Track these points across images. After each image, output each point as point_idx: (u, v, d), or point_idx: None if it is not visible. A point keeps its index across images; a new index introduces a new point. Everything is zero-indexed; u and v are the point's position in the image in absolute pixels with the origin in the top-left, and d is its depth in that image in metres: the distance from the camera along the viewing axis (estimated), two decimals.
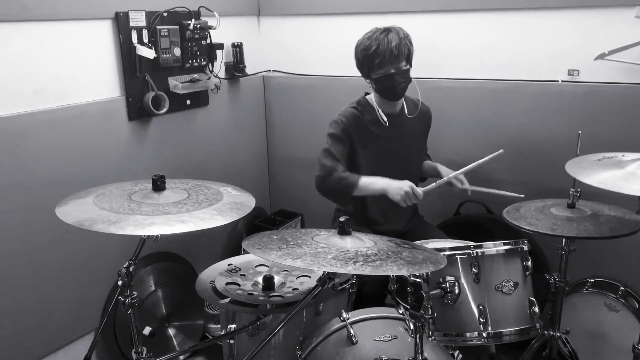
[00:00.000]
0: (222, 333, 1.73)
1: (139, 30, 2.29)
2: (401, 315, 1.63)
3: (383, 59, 2.05)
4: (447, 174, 2.20)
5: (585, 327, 2.24)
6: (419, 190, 2.02)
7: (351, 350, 1.56)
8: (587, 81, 2.28)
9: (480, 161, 2.04)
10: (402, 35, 2.07)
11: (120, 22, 2.23)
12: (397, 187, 2.04)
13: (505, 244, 1.60)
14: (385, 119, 2.20)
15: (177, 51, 2.41)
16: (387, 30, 2.07)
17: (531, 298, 1.60)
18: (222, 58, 2.76)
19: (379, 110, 2.20)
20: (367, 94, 2.28)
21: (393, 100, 2.20)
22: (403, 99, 2.24)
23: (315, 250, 1.38)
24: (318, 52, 2.92)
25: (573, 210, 1.89)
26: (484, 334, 1.54)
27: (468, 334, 1.55)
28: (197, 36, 2.49)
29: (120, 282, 1.56)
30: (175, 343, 2.50)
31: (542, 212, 1.90)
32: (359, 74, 2.25)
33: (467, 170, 2.09)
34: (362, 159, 2.21)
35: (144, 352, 1.65)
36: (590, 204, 1.94)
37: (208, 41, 2.58)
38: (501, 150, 2.03)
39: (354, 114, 2.18)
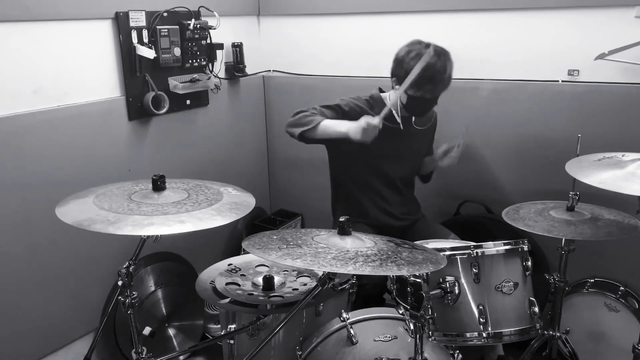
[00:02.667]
0: (222, 333, 1.73)
1: (139, 30, 2.29)
2: (401, 315, 1.63)
3: (435, 87, 2.01)
4: (428, 160, 2.33)
5: (585, 327, 2.24)
6: (375, 120, 1.95)
7: (351, 351, 1.56)
8: (587, 81, 2.28)
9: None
10: (452, 64, 2.02)
11: (120, 22, 2.23)
12: (355, 128, 1.97)
13: (505, 244, 1.60)
14: (400, 120, 2.18)
15: (177, 51, 2.41)
16: (444, 54, 2.00)
17: (531, 298, 1.60)
18: (222, 58, 2.76)
19: (394, 110, 2.16)
20: (381, 90, 2.26)
21: (414, 116, 2.19)
22: None
23: (315, 250, 1.38)
24: (318, 52, 2.92)
25: (572, 214, 1.88)
26: (484, 334, 1.54)
27: (468, 334, 1.55)
28: (197, 36, 2.49)
29: (120, 282, 1.56)
30: (175, 343, 2.50)
31: (541, 214, 1.90)
32: (360, 74, 2.25)
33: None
34: (364, 150, 2.17)
35: (144, 352, 1.65)
36: (591, 208, 1.94)
37: (208, 41, 2.58)
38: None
39: (366, 107, 2.16)
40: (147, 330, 1.86)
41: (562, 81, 2.34)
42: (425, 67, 1.92)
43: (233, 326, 1.70)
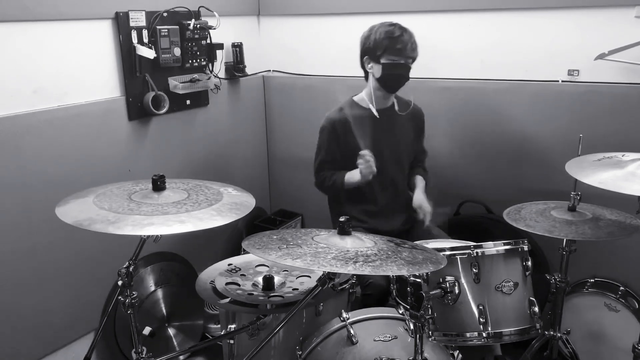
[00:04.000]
0: (222, 333, 1.73)
1: (139, 30, 2.29)
2: (401, 315, 1.63)
3: (404, 47, 2.12)
4: (417, 199, 2.29)
5: (585, 327, 2.24)
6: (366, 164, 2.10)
7: (351, 350, 1.56)
8: (587, 81, 2.28)
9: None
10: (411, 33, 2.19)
11: (120, 22, 2.23)
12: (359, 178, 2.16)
13: (505, 244, 1.60)
14: (375, 112, 2.25)
15: (177, 51, 2.41)
16: (405, 28, 2.17)
17: (531, 298, 1.60)
18: (222, 58, 2.76)
19: (370, 105, 2.25)
20: (353, 96, 2.33)
21: (390, 92, 2.26)
22: (394, 96, 2.30)
23: (315, 250, 1.38)
24: (318, 52, 2.92)
25: (574, 214, 1.88)
26: (484, 334, 1.54)
27: (468, 334, 1.55)
28: (197, 36, 2.49)
29: (120, 282, 1.56)
30: (175, 343, 2.50)
31: (543, 214, 1.90)
32: (360, 74, 2.25)
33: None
34: (351, 154, 2.20)
35: (144, 352, 1.65)
36: (593, 208, 1.93)
37: (208, 41, 2.58)
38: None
39: (339, 118, 2.25)
40: (147, 330, 1.86)
41: (562, 81, 2.34)
42: (388, 33, 2.14)
43: (233, 326, 1.70)
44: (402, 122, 2.32)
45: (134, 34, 2.28)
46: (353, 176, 2.22)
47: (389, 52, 2.14)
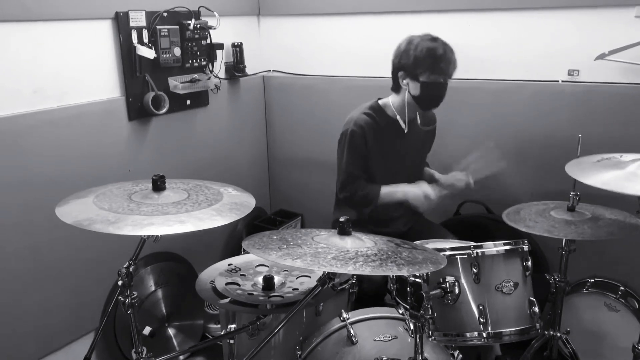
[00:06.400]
0: (222, 333, 1.73)
1: (139, 30, 2.29)
2: (401, 315, 1.63)
3: (448, 66, 2.01)
4: (445, 176, 2.28)
5: (585, 327, 2.24)
6: (431, 193, 2.11)
7: (351, 350, 1.56)
8: (587, 81, 2.28)
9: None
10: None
11: (120, 22, 2.23)
12: (416, 195, 2.10)
13: (505, 244, 1.60)
14: (404, 125, 2.16)
15: (177, 51, 2.41)
16: (438, 39, 2.03)
17: (531, 298, 1.60)
18: (222, 58, 2.76)
19: (399, 116, 2.16)
20: (379, 99, 2.22)
21: (426, 109, 2.18)
22: None
23: (315, 250, 1.38)
24: (318, 52, 2.92)
25: (573, 214, 1.88)
26: (484, 334, 1.54)
27: (468, 334, 1.55)
28: (197, 36, 2.50)
29: (120, 282, 1.56)
30: (175, 343, 2.50)
31: (542, 214, 1.90)
32: (360, 74, 2.24)
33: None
34: (372, 163, 2.18)
35: (144, 352, 1.65)
36: (592, 208, 1.94)
37: (208, 41, 2.58)
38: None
39: (369, 122, 2.12)
40: (147, 330, 1.86)
41: (562, 81, 2.34)
42: (431, 51, 1.99)
43: (233, 326, 1.70)
44: (423, 135, 2.27)
45: (134, 34, 2.28)
46: (393, 193, 2.12)
47: (431, 71, 2.00)
